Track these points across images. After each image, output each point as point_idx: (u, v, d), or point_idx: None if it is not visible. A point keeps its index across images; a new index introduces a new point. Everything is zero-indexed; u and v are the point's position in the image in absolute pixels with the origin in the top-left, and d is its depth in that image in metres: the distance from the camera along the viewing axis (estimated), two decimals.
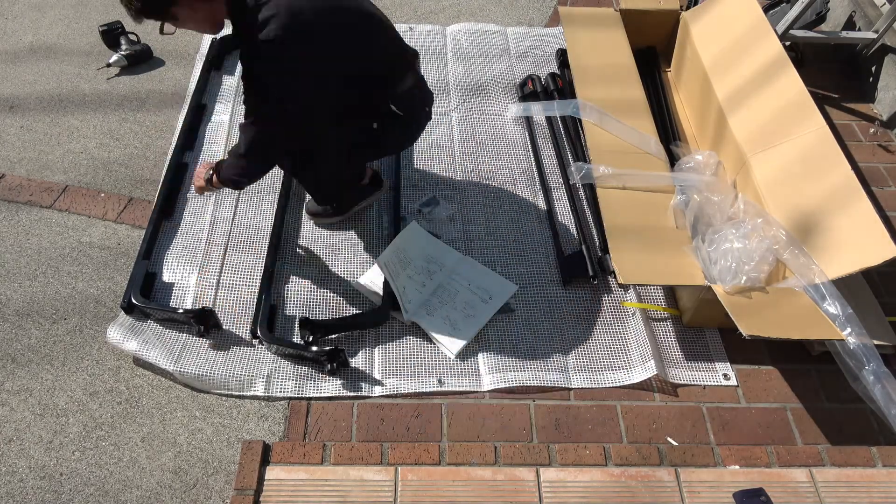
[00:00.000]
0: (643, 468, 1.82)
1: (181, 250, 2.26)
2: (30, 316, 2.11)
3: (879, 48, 2.93)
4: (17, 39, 3.08)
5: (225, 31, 1.85)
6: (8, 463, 1.80)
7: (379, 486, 1.75)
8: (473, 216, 2.42)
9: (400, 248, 2.13)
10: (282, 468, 1.78)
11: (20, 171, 2.53)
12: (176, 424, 1.88)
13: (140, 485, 1.77)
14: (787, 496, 1.77)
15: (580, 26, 2.73)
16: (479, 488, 1.76)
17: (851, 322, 1.79)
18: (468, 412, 1.93)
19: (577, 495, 1.76)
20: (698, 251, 2.00)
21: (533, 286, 2.22)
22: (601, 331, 2.13)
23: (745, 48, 2.44)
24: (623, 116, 2.38)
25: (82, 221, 2.37)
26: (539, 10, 3.36)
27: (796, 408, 1.99)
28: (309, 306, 2.13)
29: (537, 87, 2.82)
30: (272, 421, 1.90)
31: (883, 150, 2.75)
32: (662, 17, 2.84)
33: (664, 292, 2.23)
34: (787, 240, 1.95)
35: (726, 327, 2.08)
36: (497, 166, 2.60)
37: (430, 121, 2.19)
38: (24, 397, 1.93)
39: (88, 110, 2.77)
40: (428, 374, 2.00)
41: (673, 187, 2.19)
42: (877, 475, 1.84)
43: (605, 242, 2.23)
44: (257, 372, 1.97)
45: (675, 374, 2.03)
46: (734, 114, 2.34)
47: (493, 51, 3.08)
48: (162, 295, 2.15)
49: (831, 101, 2.94)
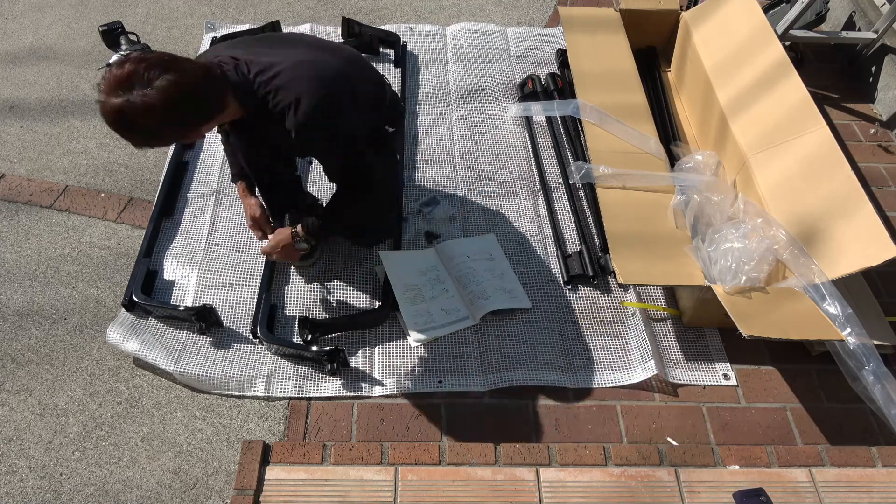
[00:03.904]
0: (643, 468, 1.82)
1: (181, 250, 2.26)
2: (30, 316, 2.11)
3: (879, 48, 2.93)
4: (17, 40, 3.08)
5: (223, 30, 1.84)
6: (8, 463, 1.80)
7: (379, 486, 1.75)
8: (473, 216, 2.42)
9: (398, 281, 2.13)
10: (282, 468, 1.78)
11: (20, 171, 2.53)
12: (176, 424, 1.88)
13: (140, 485, 1.77)
14: (786, 496, 1.77)
15: (580, 28, 2.73)
16: (479, 488, 1.76)
17: (851, 322, 1.79)
18: (468, 412, 1.93)
19: (577, 495, 1.76)
20: (698, 251, 2.00)
21: (533, 286, 2.22)
22: (601, 331, 2.13)
23: (746, 51, 2.44)
24: (624, 120, 2.38)
25: (82, 221, 2.37)
26: (539, 11, 3.36)
27: (796, 408, 1.99)
28: (309, 306, 2.13)
29: (537, 88, 2.82)
30: (272, 421, 1.90)
31: (883, 151, 2.75)
32: (662, 17, 2.84)
33: (664, 292, 2.23)
34: (787, 240, 1.95)
35: (726, 327, 2.08)
36: (497, 166, 2.60)
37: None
38: (24, 397, 1.93)
39: (88, 110, 2.77)
40: (428, 374, 2.00)
41: (673, 187, 2.19)
42: (877, 475, 1.84)
43: (605, 242, 2.23)
44: (257, 372, 1.97)
45: (675, 374, 2.03)
46: (736, 118, 2.34)
47: (493, 51, 3.08)
48: (162, 293, 2.15)
49: (831, 101, 2.94)
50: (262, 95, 1.65)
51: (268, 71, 1.64)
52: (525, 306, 2.15)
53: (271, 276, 2.18)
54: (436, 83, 2.91)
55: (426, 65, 2.99)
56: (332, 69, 1.72)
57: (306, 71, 1.66)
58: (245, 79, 1.64)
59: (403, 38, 3.02)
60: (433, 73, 2.96)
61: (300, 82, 1.64)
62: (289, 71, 1.64)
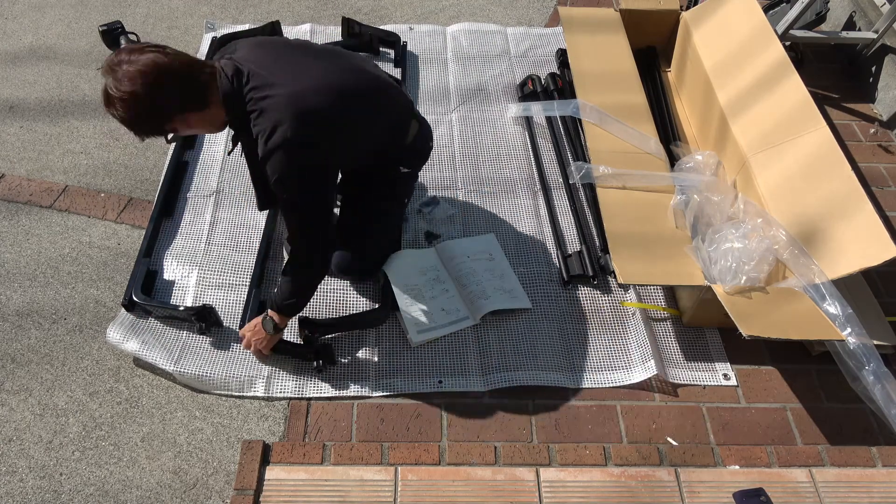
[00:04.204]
0: (643, 468, 1.82)
1: (181, 250, 2.26)
2: (30, 316, 2.11)
3: (879, 48, 2.93)
4: (17, 39, 3.08)
5: (223, 30, 1.84)
6: (8, 463, 1.80)
7: (379, 486, 1.75)
8: (473, 216, 2.42)
9: (398, 281, 2.13)
10: (282, 468, 1.78)
11: (20, 171, 2.53)
12: (176, 424, 1.88)
13: (140, 485, 1.77)
14: (786, 496, 1.77)
15: (580, 28, 2.73)
16: (479, 488, 1.76)
17: (851, 322, 1.79)
18: (468, 412, 1.93)
19: (577, 495, 1.76)
20: (698, 251, 2.00)
21: (533, 286, 2.22)
22: (601, 331, 2.13)
23: (746, 51, 2.44)
24: (624, 120, 2.38)
25: (82, 221, 2.37)
26: (539, 11, 3.36)
27: (796, 408, 1.99)
28: (309, 306, 2.13)
29: (537, 87, 2.82)
30: (272, 421, 1.90)
31: (883, 151, 2.75)
32: (662, 17, 2.84)
33: (664, 292, 2.23)
34: (787, 240, 1.95)
35: (726, 327, 2.08)
36: (497, 166, 2.60)
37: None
38: (24, 397, 1.93)
39: (88, 110, 2.77)
40: (428, 374, 2.00)
41: (673, 187, 2.19)
42: (877, 475, 1.84)
43: (605, 242, 2.23)
44: (257, 372, 1.97)
45: (675, 374, 2.03)
46: (736, 118, 2.34)
47: (493, 51, 3.08)
48: (162, 293, 2.15)
49: (831, 101, 2.94)
50: (248, 111, 1.62)
51: (262, 89, 1.60)
52: (525, 306, 2.15)
53: (262, 274, 2.18)
54: (436, 83, 2.91)
55: (426, 65, 2.99)
56: (330, 102, 1.65)
57: (297, 102, 1.60)
58: (237, 89, 1.61)
59: (403, 38, 3.02)
60: (433, 73, 2.96)
61: (283, 111, 1.58)
62: (281, 97, 1.59)
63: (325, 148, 1.66)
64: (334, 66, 1.75)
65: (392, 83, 1.92)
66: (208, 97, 1.60)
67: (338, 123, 1.68)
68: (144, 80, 1.49)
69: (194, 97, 1.59)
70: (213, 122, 1.68)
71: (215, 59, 1.72)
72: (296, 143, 1.59)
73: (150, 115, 1.56)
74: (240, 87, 1.62)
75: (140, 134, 1.61)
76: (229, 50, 1.73)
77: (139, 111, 1.53)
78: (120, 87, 1.49)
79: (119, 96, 1.50)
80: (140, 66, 1.49)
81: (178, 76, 1.54)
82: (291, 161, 1.61)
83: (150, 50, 1.53)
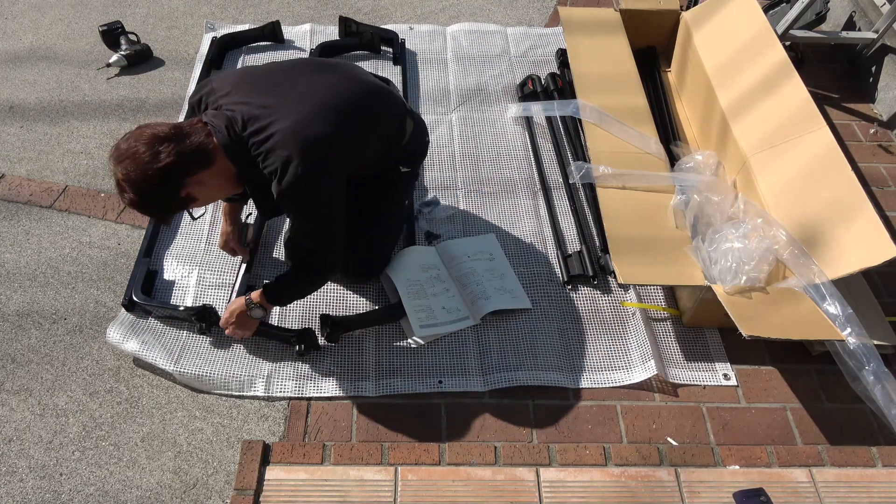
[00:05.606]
0: (643, 468, 1.82)
1: (181, 250, 2.26)
2: (30, 316, 2.11)
3: (879, 48, 2.93)
4: (17, 40, 3.08)
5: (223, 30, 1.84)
6: (8, 463, 1.80)
7: (379, 487, 1.75)
8: (473, 216, 2.42)
9: (400, 276, 2.13)
10: (282, 468, 1.78)
11: (20, 171, 2.53)
12: (176, 424, 1.88)
13: (140, 485, 1.77)
14: (787, 496, 1.77)
15: (580, 28, 2.73)
16: (479, 488, 1.76)
17: (851, 322, 1.79)
18: (468, 412, 1.93)
19: (577, 495, 1.76)
20: (698, 251, 2.00)
21: (533, 286, 2.22)
22: (601, 331, 2.13)
23: (746, 51, 2.44)
24: (624, 120, 2.38)
25: (82, 221, 2.37)
26: (539, 11, 3.36)
27: (796, 408, 1.99)
28: (308, 304, 2.13)
29: (537, 88, 2.82)
30: (272, 421, 1.90)
31: (883, 151, 2.75)
32: (662, 17, 2.84)
33: (664, 292, 2.23)
34: (787, 240, 1.95)
35: (726, 327, 2.08)
36: (497, 166, 2.60)
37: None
38: (24, 397, 1.93)
39: (88, 110, 2.77)
40: (428, 374, 2.00)
41: (673, 187, 2.19)
42: (877, 475, 1.84)
43: (605, 242, 2.23)
44: (257, 372, 1.97)
45: (675, 374, 2.03)
46: (736, 118, 2.34)
47: (493, 51, 3.08)
48: (162, 293, 2.15)
49: (831, 101, 2.95)
50: (254, 156, 1.62)
51: (262, 130, 1.60)
52: (525, 306, 2.15)
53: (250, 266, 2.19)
54: (436, 83, 2.91)
55: (426, 65, 2.99)
56: (332, 123, 1.65)
57: (301, 133, 1.59)
58: (236, 139, 1.61)
59: (402, 37, 3.02)
60: (433, 73, 2.96)
61: (290, 147, 1.58)
62: (283, 132, 1.59)
63: (335, 169, 1.68)
64: (325, 82, 1.74)
65: (383, 85, 1.92)
66: (210, 153, 1.60)
67: (344, 142, 1.68)
68: (143, 152, 1.51)
69: (195, 157, 1.57)
70: (227, 175, 1.67)
71: (201, 110, 1.72)
72: (310, 175, 1.59)
73: (160, 185, 1.54)
74: (238, 136, 1.61)
75: (160, 213, 1.64)
76: (210, 96, 1.71)
77: (147, 183, 1.52)
78: (123, 169, 1.52)
79: (123, 177, 1.52)
80: (132, 141, 1.52)
81: (169, 138, 1.54)
82: (308, 194, 1.63)
83: (137, 129, 1.56)
